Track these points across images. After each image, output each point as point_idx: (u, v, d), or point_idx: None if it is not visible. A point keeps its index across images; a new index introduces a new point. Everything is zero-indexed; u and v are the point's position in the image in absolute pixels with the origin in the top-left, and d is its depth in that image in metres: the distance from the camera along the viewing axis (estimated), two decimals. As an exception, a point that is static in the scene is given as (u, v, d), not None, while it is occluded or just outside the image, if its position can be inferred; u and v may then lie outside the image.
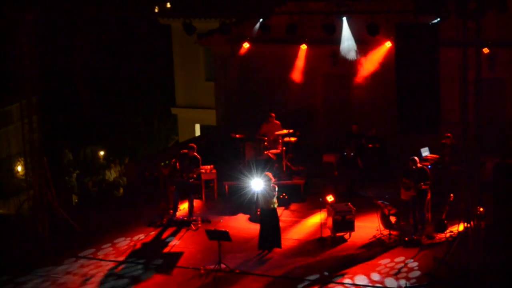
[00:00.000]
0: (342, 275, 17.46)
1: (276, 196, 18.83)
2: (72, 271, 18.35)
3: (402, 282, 16.93)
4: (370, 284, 17.00)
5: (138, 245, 19.74)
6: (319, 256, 18.59)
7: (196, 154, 21.29)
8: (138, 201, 23.11)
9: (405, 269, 17.60)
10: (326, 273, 17.35)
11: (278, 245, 19.01)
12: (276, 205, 18.91)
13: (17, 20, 19.61)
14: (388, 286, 16.91)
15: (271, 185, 18.75)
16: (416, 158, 19.69)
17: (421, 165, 19.72)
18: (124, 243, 19.88)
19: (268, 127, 24.32)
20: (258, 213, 19.23)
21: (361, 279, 17.23)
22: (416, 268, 17.63)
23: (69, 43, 39.30)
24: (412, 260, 18.04)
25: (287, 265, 18.14)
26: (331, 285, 17.07)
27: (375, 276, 17.35)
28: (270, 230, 18.89)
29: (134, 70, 39.53)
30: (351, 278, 17.30)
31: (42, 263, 18.82)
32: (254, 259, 18.57)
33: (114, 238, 20.24)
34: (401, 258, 18.19)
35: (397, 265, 17.85)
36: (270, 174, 18.90)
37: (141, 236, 20.31)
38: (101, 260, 18.91)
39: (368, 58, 24.38)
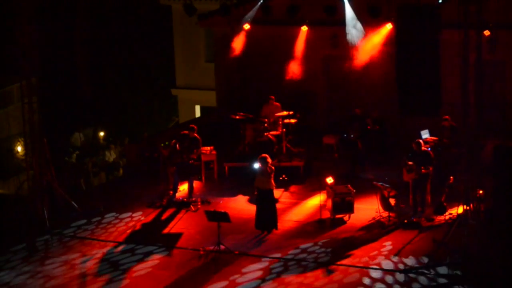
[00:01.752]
0: (342, 257, 17.51)
1: (272, 177, 18.79)
2: (71, 251, 18.39)
3: (401, 266, 16.98)
4: (368, 266, 17.03)
5: (138, 226, 19.78)
6: (318, 238, 18.63)
7: (196, 135, 21.28)
8: (137, 182, 23.13)
9: (403, 251, 17.65)
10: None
11: (274, 226, 19.04)
12: (274, 187, 18.91)
13: (18, 0, 19.55)
14: (386, 267, 16.93)
15: (269, 166, 18.72)
16: (421, 141, 19.70)
17: (425, 149, 19.71)
18: (124, 224, 19.92)
19: (268, 109, 24.30)
20: (256, 193, 19.21)
21: (360, 261, 17.26)
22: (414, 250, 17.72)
23: (68, 25, 39.14)
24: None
25: (286, 247, 18.15)
26: (331, 266, 17.10)
27: (374, 258, 17.37)
28: (266, 211, 18.91)
29: (134, 51, 39.42)
30: (350, 260, 17.34)
31: (42, 242, 18.89)
32: (254, 240, 18.59)
33: (114, 218, 20.29)
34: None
35: (395, 247, 17.88)
36: (267, 156, 18.86)
37: (141, 217, 20.34)
38: (100, 240, 18.94)
39: (369, 40, 24.27)
